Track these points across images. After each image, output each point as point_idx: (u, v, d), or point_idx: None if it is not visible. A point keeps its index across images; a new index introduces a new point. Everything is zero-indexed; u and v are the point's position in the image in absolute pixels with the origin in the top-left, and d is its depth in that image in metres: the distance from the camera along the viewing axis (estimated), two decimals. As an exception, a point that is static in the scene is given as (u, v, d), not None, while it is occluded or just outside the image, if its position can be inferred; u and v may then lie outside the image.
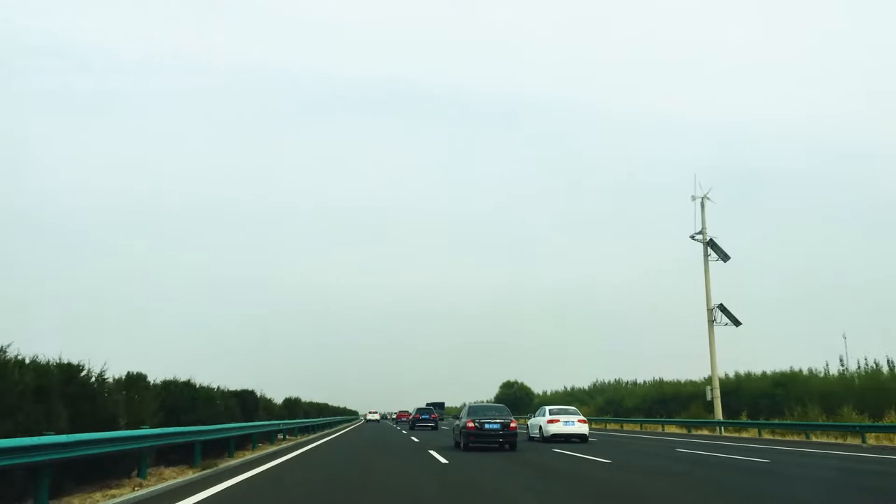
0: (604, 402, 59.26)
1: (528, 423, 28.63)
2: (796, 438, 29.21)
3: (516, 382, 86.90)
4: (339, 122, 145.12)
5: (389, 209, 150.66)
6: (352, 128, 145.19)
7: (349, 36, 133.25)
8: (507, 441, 19.80)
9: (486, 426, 19.73)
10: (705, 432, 36.00)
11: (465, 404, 25.47)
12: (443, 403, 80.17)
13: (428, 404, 75.80)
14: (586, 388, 71.47)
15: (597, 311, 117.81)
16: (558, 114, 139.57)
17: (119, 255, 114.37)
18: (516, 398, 78.77)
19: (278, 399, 32.42)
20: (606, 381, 68.95)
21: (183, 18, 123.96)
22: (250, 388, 23.59)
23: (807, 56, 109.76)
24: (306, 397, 47.65)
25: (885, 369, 33.79)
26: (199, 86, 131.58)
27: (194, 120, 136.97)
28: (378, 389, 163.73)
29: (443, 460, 16.11)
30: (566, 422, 26.13)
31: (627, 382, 63.85)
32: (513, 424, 19.85)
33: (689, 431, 36.69)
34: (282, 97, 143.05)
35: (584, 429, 26.09)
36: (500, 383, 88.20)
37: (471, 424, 19.80)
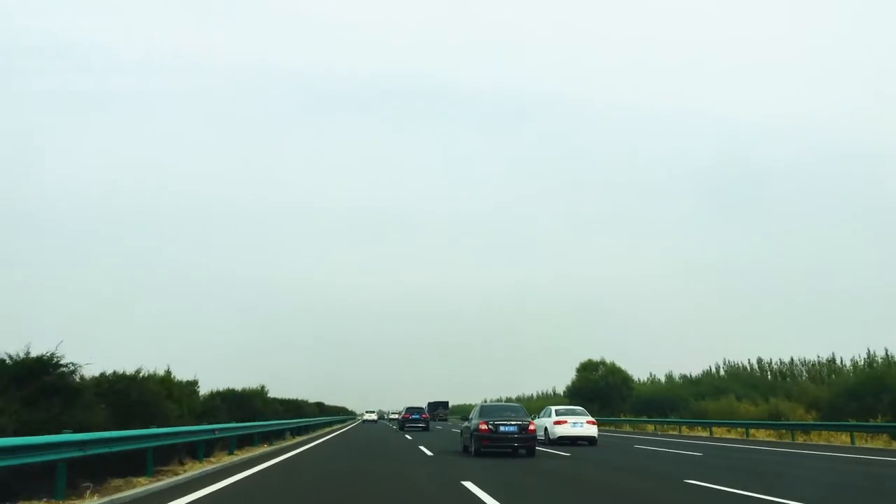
0: (845, 392, 31.57)
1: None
2: None
3: (603, 363, 54.41)
4: (340, 121, 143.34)
5: (389, 209, 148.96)
6: (352, 128, 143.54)
7: (349, 36, 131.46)
8: (524, 445, 17.82)
9: (501, 428, 17.69)
10: None
11: (486, 399, 23.32)
12: (447, 403, 76.68)
13: (430, 403, 73.03)
14: (718, 373, 49.70)
15: (598, 309, 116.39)
16: (558, 113, 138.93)
17: (117, 254, 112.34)
18: (607, 387, 51.78)
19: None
20: (738, 363, 48.40)
21: (183, 18, 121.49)
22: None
23: (807, 56, 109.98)
24: (303, 397, 44.49)
25: None
26: (199, 86, 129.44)
27: (194, 120, 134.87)
28: (381, 389, 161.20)
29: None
30: (574, 423, 24.63)
31: (781, 362, 43.78)
32: (531, 427, 17.86)
33: None
34: (282, 97, 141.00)
35: (592, 431, 24.60)
36: (578, 365, 56.10)
37: (483, 427, 17.75)
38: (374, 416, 75.97)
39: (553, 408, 26.10)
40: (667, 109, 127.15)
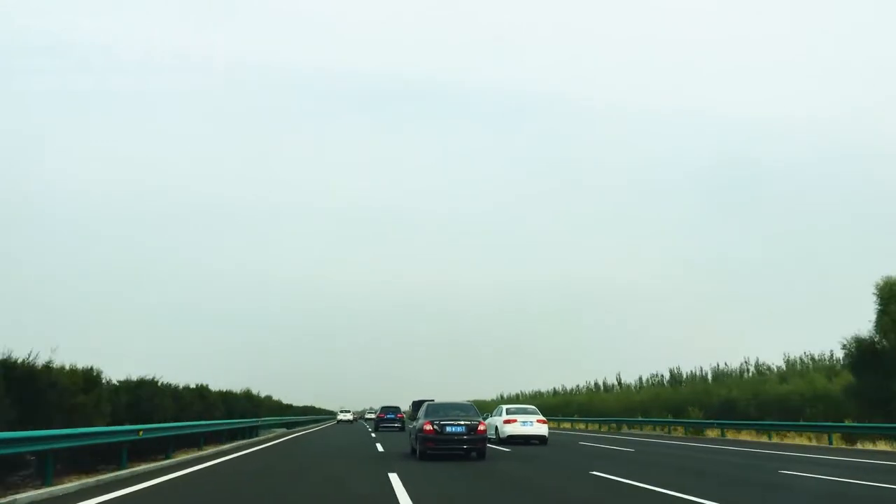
0: None
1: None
2: None
3: None
4: (340, 121, 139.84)
5: (389, 209, 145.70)
6: (352, 128, 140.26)
7: (349, 35, 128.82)
8: (473, 447, 16.40)
9: (448, 429, 16.25)
10: None
11: (501, 397, 21.80)
12: (432, 401, 74.10)
13: (414, 402, 70.53)
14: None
15: (597, 309, 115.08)
16: (558, 113, 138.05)
17: (116, 254, 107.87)
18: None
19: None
20: None
21: (183, 18, 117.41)
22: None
23: (808, 56, 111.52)
24: (300, 398, 40.90)
25: None
26: (199, 86, 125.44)
27: (194, 120, 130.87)
28: (380, 388, 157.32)
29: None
30: (524, 422, 24.06)
31: None
32: (481, 427, 16.44)
33: None
34: (282, 97, 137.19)
35: (543, 430, 23.94)
36: (877, 287, 24.86)
37: (428, 427, 16.28)
38: (349, 416, 67.35)
39: (504, 406, 25.50)
40: (667, 109, 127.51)
